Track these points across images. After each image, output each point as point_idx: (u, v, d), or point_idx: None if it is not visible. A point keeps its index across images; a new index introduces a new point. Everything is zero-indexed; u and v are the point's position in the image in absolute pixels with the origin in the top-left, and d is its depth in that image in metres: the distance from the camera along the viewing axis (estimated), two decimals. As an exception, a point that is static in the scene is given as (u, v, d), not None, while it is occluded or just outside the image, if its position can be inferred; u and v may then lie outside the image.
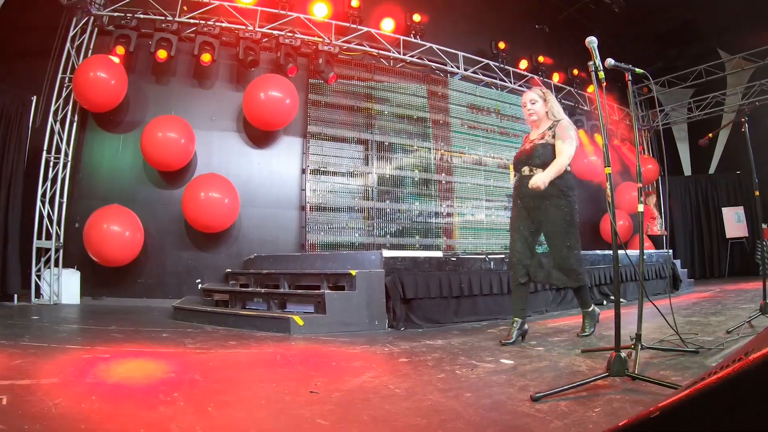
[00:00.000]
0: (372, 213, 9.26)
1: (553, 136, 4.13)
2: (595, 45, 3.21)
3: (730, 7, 10.84)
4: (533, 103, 4.31)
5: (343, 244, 8.77)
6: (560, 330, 4.84)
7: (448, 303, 5.63)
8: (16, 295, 7.09)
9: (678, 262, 9.35)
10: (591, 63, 3.18)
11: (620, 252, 2.79)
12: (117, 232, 7.16)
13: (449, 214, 9.99)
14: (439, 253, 6.09)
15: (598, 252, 7.92)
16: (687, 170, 13.97)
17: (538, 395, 2.31)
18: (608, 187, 2.89)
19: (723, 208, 12.80)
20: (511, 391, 2.52)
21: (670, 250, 9.83)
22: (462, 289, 5.71)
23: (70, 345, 3.96)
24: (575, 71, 12.10)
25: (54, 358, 3.37)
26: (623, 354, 2.52)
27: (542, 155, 4.11)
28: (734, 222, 12.59)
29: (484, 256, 6.27)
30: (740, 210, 12.59)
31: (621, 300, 6.64)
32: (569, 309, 6.56)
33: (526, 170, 4.18)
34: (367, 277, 5.25)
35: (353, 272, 5.21)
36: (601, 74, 3.12)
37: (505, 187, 10.73)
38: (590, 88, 11.88)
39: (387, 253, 5.59)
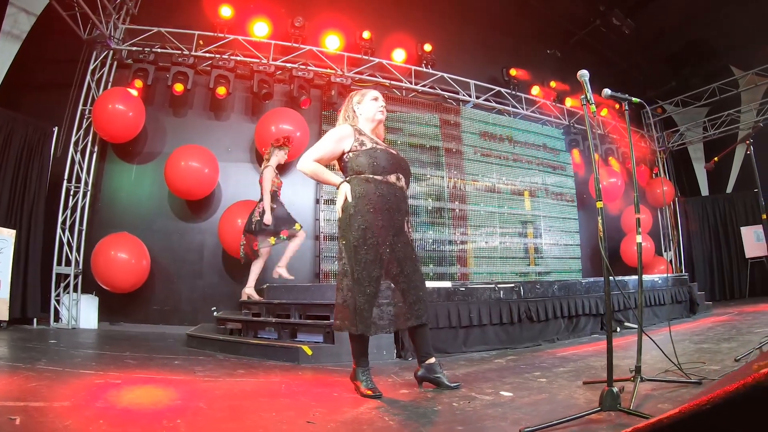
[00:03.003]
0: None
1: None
2: (587, 78, 3.26)
3: (740, 24, 10.81)
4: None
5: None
6: (567, 359, 4.81)
7: (456, 333, 5.62)
8: (35, 319, 7.28)
9: (695, 285, 9.20)
10: (583, 96, 3.24)
11: (628, 278, 2.82)
12: (123, 259, 7.33)
13: (463, 242, 10.00)
14: (448, 284, 6.08)
15: (611, 278, 7.83)
16: (704, 190, 13.80)
17: (527, 430, 2.33)
18: (600, 220, 2.93)
19: (741, 228, 12.55)
20: (504, 425, 2.54)
21: (687, 273, 9.71)
22: (471, 318, 5.70)
23: (84, 370, 4.03)
24: (581, 96, 12.07)
25: (67, 382, 3.44)
26: (615, 388, 2.54)
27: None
28: (753, 241, 12.35)
29: (493, 286, 6.27)
30: (759, 229, 12.34)
31: (634, 327, 6.64)
32: (581, 337, 6.55)
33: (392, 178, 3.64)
34: (376, 308, 5.28)
35: (363, 302, 5.25)
36: (593, 107, 3.17)
37: (519, 213, 10.77)
38: (603, 112, 11.91)
39: (396, 284, 5.62)
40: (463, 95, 10.52)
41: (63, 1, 7.51)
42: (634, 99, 3.68)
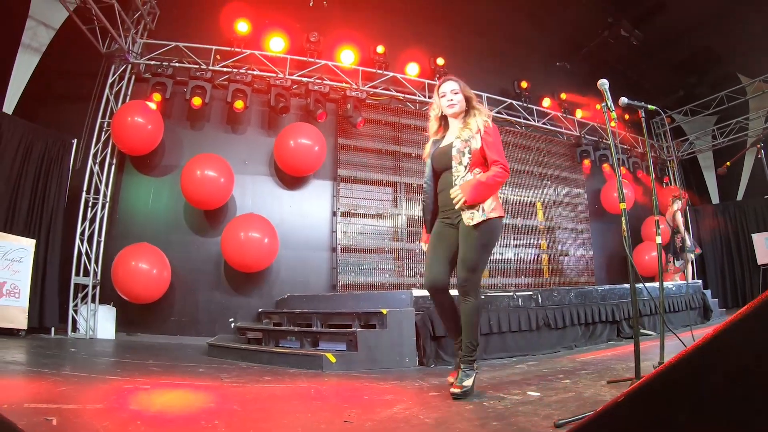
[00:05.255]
0: (402, 254, 9.37)
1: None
2: (607, 87, 3.35)
3: (746, 31, 10.89)
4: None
5: (373, 285, 8.87)
6: (588, 363, 4.87)
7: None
8: (53, 328, 7.35)
9: (708, 292, 9.23)
10: (603, 104, 3.32)
11: (647, 285, 2.88)
12: (144, 270, 7.33)
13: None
14: (467, 292, 6.15)
15: (626, 285, 7.91)
16: (715, 198, 13.81)
17: (561, 422, 2.39)
18: (623, 222, 3.00)
19: (753, 234, 12.50)
20: (536, 419, 2.60)
21: (700, 281, 9.75)
22: (491, 326, 5.77)
23: (110, 376, 4.09)
24: (597, 106, 12.19)
25: (96, 387, 3.50)
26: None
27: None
28: (765, 248, 12.31)
29: (512, 293, 6.32)
30: (770, 235, 12.41)
31: (650, 333, 6.69)
32: (598, 343, 6.58)
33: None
34: (397, 316, 5.34)
35: (384, 311, 5.31)
36: (613, 114, 3.26)
37: (533, 225, 10.82)
38: (613, 123, 11.96)
39: (417, 293, 5.70)
40: (476, 107, 10.55)
41: (82, 15, 7.63)
42: (650, 106, 3.76)
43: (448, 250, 3.57)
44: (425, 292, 5.73)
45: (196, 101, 8.35)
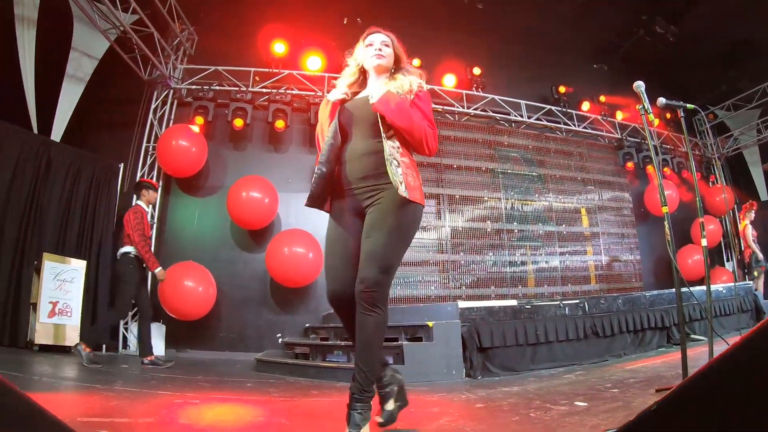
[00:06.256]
0: (447, 266, 9.29)
1: None
2: (643, 89, 3.31)
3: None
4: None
5: (419, 298, 8.82)
6: (637, 371, 4.77)
7: (524, 351, 5.61)
8: (104, 346, 7.60)
9: (760, 294, 8.90)
10: (640, 107, 3.27)
11: (693, 289, 2.82)
12: (190, 288, 7.50)
13: (523, 263, 9.92)
14: (513, 302, 6.07)
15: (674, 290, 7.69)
16: (763, 194, 13.30)
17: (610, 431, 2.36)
18: (666, 226, 2.95)
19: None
20: (583, 430, 2.55)
21: (751, 281, 9.45)
22: (537, 336, 5.69)
23: (160, 391, 4.15)
24: (638, 107, 11.96)
25: (147, 402, 3.57)
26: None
27: None
28: (816, 244, 11.87)
29: (558, 302, 6.24)
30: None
31: (701, 338, 6.49)
32: (648, 351, 6.43)
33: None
34: (443, 328, 5.31)
35: (430, 324, 5.29)
36: (651, 116, 3.21)
37: (577, 232, 10.68)
38: (656, 122, 11.74)
39: (462, 304, 5.64)
40: (515, 115, 10.54)
41: (123, 44, 7.95)
42: (688, 105, 3.69)
43: (355, 251, 2.72)
44: (471, 303, 5.71)
45: (238, 123, 8.57)
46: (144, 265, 6.36)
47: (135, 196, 6.91)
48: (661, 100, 3.65)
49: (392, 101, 2.68)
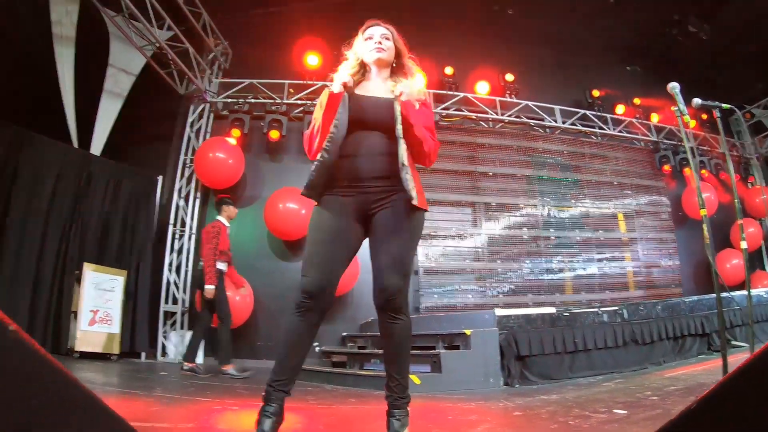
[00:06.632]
0: (484, 274, 9.28)
1: None
2: (678, 90, 3.26)
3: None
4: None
5: (457, 306, 8.81)
6: (677, 379, 4.68)
7: (562, 359, 5.55)
8: (143, 353, 7.79)
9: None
10: (675, 108, 3.23)
11: (734, 294, 2.77)
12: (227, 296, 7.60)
13: (560, 270, 9.83)
14: (551, 309, 6.01)
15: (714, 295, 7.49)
16: (802, 195, 12.91)
17: (648, 440, 2.33)
18: (705, 229, 2.90)
19: None
20: (622, 438, 2.53)
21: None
22: (576, 344, 5.62)
23: (199, 397, 4.20)
24: (673, 108, 11.73)
25: (186, 408, 3.61)
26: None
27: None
28: None
29: (596, 309, 6.16)
30: None
31: (742, 344, 6.33)
32: (688, 358, 6.30)
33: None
34: (481, 336, 5.29)
35: (468, 332, 5.28)
36: (687, 118, 3.16)
37: (615, 237, 10.53)
38: (691, 124, 11.55)
39: (500, 312, 5.61)
40: (549, 121, 10.45)
41: (159, 60, 8.18)
42: (724, 105, 3.63)
43: (348, 250, 2.66)
44: (508, 311, 5.65)
45: (274, 134, 8.71)
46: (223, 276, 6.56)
47: (217, 212, 6.99)
48: (696, 101, 3.60)
49: (413, 94, 2.63)
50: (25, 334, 0.94)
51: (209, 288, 6.26)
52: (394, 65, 2.90)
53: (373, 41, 2.80)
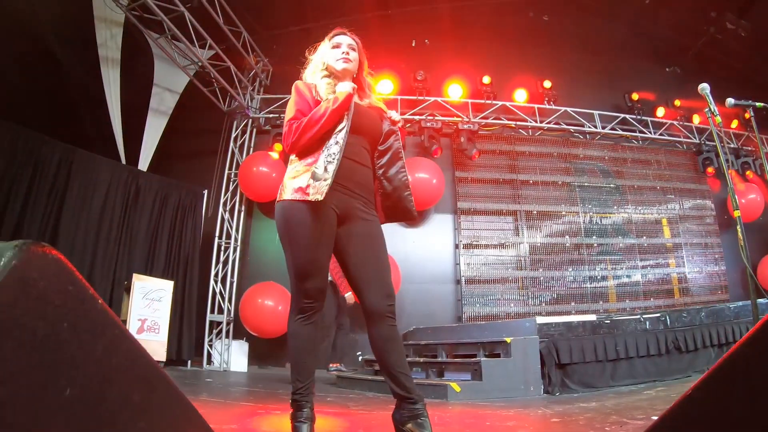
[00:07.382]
0: (526, 282, 9.26)
1: None
2: (708, 91, 3.26)
3: None
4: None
5: (498, 315, 8.81)
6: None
7: (603, 367, 5.48)
8: (189, 361, 8.02)
9: None
10: (706, 110, 3.23)
11: None
12: (269, 307, 7.86)
13: (604, 278, 9.71)
14: (592, 317, 5.94)
15: (762, 300, 7.27)
16: None
17: (681, 445, 2.34)
18: (739, 231, 2.90)
19: None
20: (657, 444, 2.55)
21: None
22: (617, 351, 5.53)
23: (243, 402, 4.34)
24: (705, 110, 11.40)
25: (231, 411, 3.73)
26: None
27: None
28: None
29: (638, 316, 6.06)
30: None
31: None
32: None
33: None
34: (521, 344, 5.27)
35: (508, 340, 5.26)
36: (718, 119, 3.16)
37: (659, 243, 10.36)
38: (733, 124, 11.29)
39: (541, 320, 5.57)
40: (589, 127, 10.32)
41: (202, 78, 8.44)
42: (758, 104, 3.59)
43: (331, 250, 2.67)
44: (549, 319, 5.63)
45: (321, 148, 8.83)
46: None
47: None
48: (730, 101, 3.59)
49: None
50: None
51: (348, 296, 6.91)
52: (354, 76, 2.92)
53: (341, 51, 2.85)
